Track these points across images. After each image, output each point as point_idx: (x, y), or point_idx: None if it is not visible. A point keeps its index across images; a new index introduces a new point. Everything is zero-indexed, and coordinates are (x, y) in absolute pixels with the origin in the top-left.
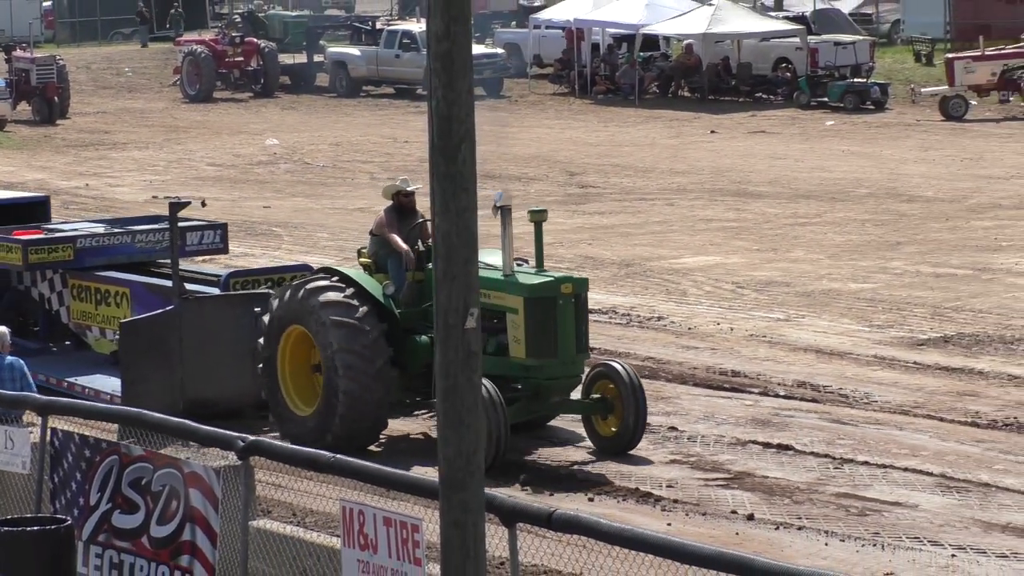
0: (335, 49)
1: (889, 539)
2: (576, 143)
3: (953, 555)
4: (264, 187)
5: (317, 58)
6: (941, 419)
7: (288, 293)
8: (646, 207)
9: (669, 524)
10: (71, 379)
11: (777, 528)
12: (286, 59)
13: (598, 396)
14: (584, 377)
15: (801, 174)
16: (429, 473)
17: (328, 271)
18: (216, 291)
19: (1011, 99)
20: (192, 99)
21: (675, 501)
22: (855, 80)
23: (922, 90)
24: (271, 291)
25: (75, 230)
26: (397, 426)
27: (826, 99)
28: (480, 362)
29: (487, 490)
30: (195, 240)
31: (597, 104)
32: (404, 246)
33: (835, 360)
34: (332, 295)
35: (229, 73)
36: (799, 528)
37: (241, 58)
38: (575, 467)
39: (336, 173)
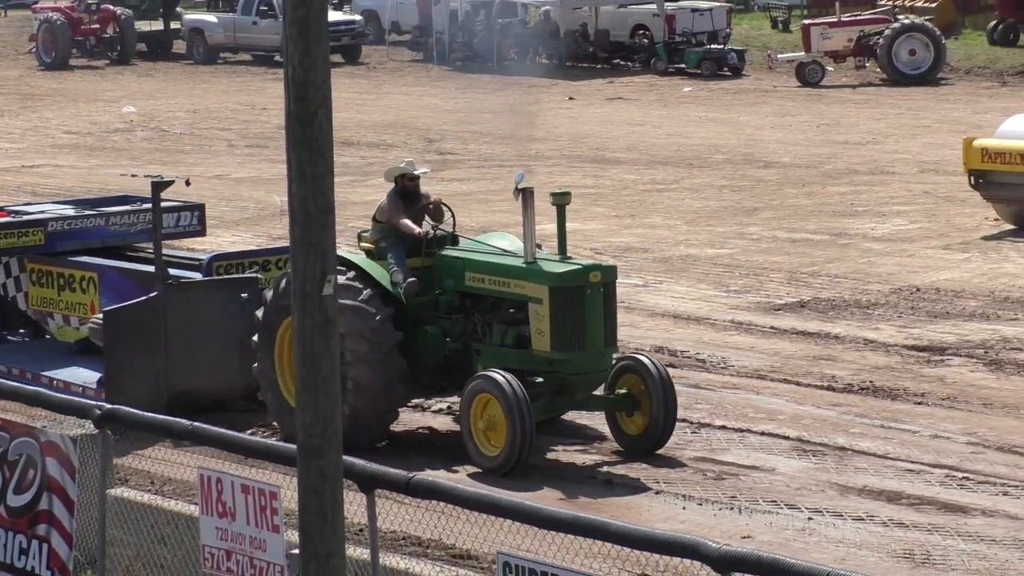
0: (192, 16)
1: (746, 503)
2: (434, 110)
3: (810, 518)
4: (121, 155)
5: (174, 25)
6: (797, 383)
7: (285, 281)
8: (504, 174)
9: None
10: (45, 372)
11: (635, 492)
12: (143, 26)
13: (624, 391)
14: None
15: (659, 140)
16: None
17: None
18: (198, 276)
19: (867, 65)
20: (48, 67)
21: (534, 466)
22: (712, 47)
23: (779, 56)
24: (258, 275)
25: (43, 212)
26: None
27: (683, 65)
28: (336, 328)
29: (345, 456)
30: (171, 222)
31: (455, 71)
32: (418, 229)
33: (692, 325)
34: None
35: (85, 40)
36: (657, 492)
37: (97, 25)
38: (434, 435)
39: (194, 140)
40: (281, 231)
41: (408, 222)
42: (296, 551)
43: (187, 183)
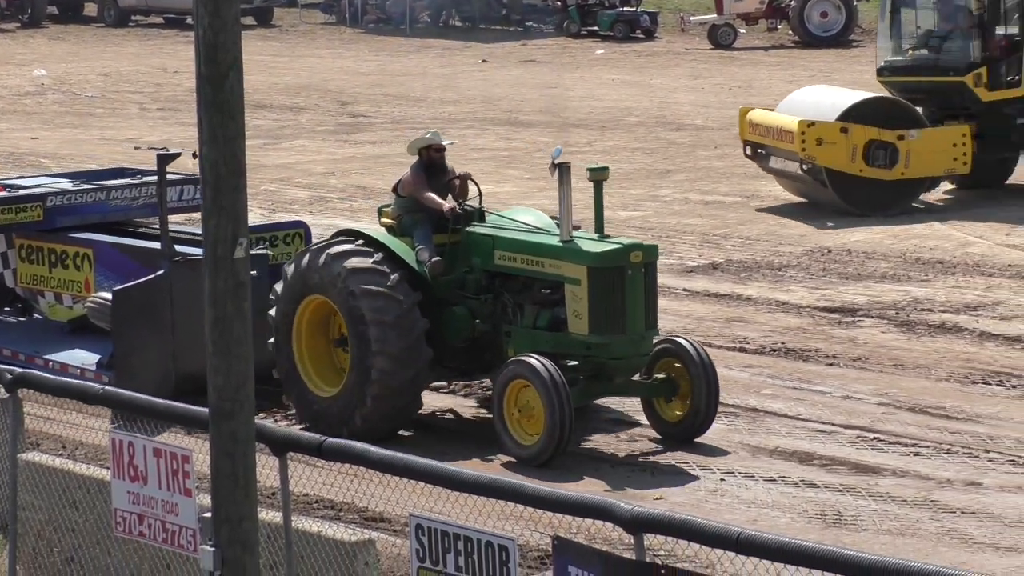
0: None
1: (658, 464)
2: (347, 73)
3: (722, 479)
4: (32, 118)
5: None
6: (710, 345)
7: (306, 260)
8: (418, 136)
9: (443, 453)
10: (41, 354)
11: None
12: None
13: (662, 376)
14: None
15: (571, 103)
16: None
17: (352, 234)
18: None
19: (779, 27)
20: None
21: (449, 430)
22: (625, 9)
23: (691, 19)
24: (267, 251)
25: (38, 186)
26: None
27: (596, 28)
28: (249, 291)
29: (258, 420)
30: (174, 196)
31: (368, 33)
32: (446, 203)
33: None
34: (359, 260)
35: None
36: (570, 454)
37: None
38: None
39: (105, 104)
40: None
41: (434, 196)
42: (208, 514)
43: (194, 156)
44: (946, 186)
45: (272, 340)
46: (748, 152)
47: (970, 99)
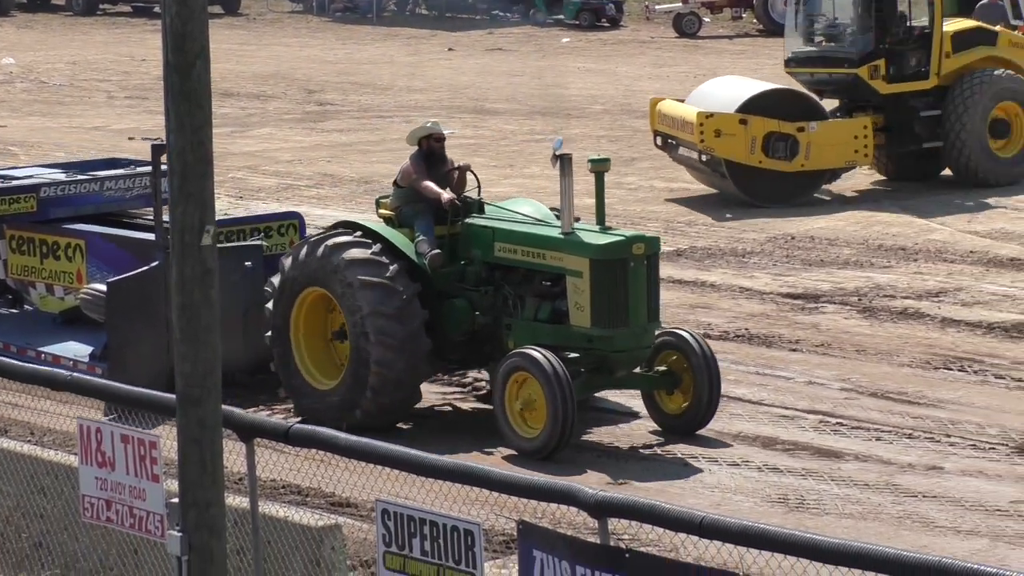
0: None
1: (624, 448)
2: (314, 61)
3: (686, 464)
4: (0, 106)
5: None
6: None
7: (303, 252)
8: (384, 124)
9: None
10: (34, 346)
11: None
12: None
13: (664, 369)
14: None
15: (537, 91)
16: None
17: (349, 225)
18: None
19: (743, 16)
20: None
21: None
22: None
23: (656, 7)
24: (261, 242)
25: (30, 176)
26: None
27: (562, 16)
28: (216, 279)
29: (225, 406)
30: (167, 187)
31: (335, 22)
32: (446, 193)
33: None
34: (357, 252)
35: None
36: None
37: None
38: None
39: (73, 92)
40: None
41: (432, 185)
42: (176, 500)
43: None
44: (876, 176)
45: (268, 333)
46: (658, 142)
47: (867, 91)
